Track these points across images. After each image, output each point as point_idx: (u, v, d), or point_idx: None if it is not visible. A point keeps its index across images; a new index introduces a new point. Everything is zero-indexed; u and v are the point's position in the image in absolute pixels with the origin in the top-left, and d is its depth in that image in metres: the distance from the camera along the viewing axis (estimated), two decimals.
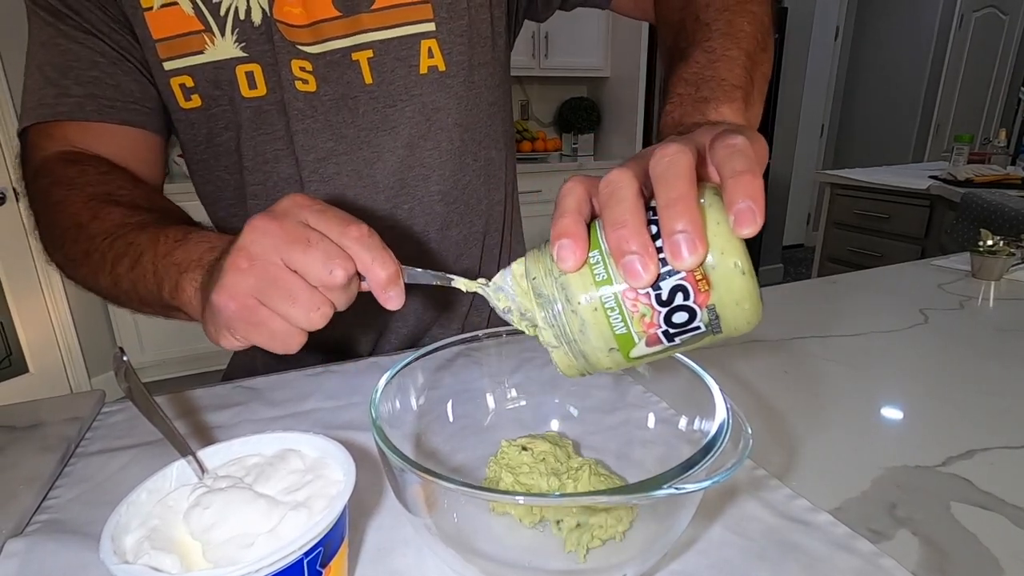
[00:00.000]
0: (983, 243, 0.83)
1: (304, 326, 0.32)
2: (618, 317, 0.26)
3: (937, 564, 0.32)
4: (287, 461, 0.30)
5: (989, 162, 2.34)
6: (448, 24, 0.55)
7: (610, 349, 0.27)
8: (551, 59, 2.99)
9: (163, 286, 0.39)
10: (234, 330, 0.33)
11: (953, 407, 0.50)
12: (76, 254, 0.46)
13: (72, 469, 0.43)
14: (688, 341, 0.27)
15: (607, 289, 0.26)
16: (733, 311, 0.26)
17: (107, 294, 0.46)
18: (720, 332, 0.27)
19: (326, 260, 0.30)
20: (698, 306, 0.26)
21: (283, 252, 0.31)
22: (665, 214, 0.24)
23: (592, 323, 0.27)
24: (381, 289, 0.32)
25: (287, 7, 0.52)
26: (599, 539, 0.31)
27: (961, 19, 3.64)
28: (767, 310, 0.27)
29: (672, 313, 0.26)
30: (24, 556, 0.34)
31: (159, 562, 0.24)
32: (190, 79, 0.53)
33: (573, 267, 0.26)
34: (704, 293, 0.25)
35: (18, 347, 2.09)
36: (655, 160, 0.26)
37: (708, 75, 0.40)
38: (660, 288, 0.25)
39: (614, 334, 0.27)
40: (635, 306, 0.26)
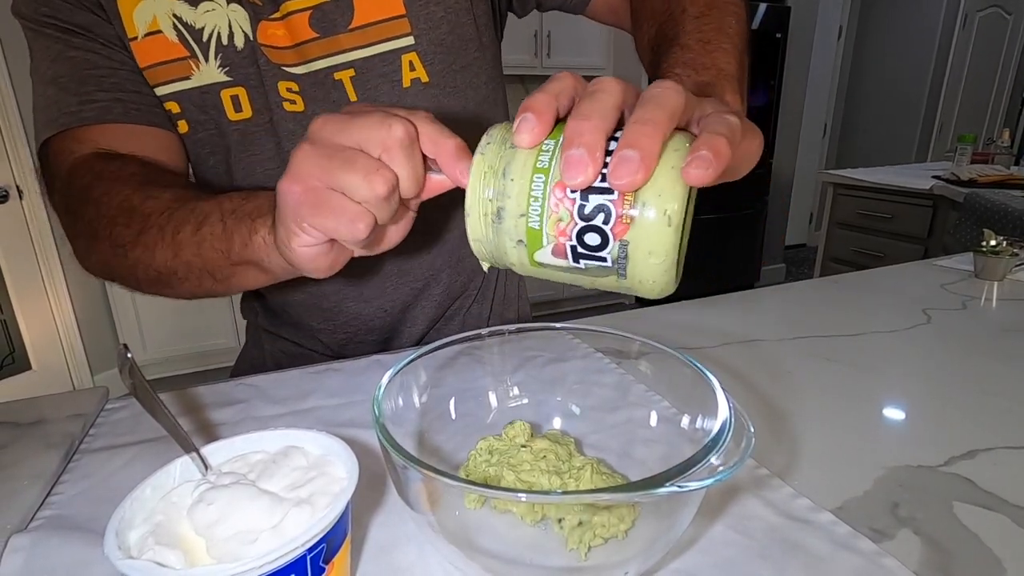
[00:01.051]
0: (986, 243, 0.83)
1: (367, 196, 0.30)
2: (537, 210, 0.26)
3: (939, 564, 0.32)
4: (290, 458, 0.30)
5: (992, 162, 2.33)
6: (427, 35, 0.55)
7: (518, 241, 0.27)
8: (553, 58, 3.00)
9: (233, 239, 0.39)
10: (301, 217, 0.31)
11: (955, 407, 0.50)
12: (126, 238, 0.44)
13: (76, 465, 0.43)
14: (592, 271, 0.26)
15: (540, 178, 0.26)
16: (643, 259, 0.25)
17: (159, 272, 0.44)
18: (624, 278, 0.26)
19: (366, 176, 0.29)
20: (613, 235, 0.25)
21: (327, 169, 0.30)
22: (628, 129, 0.24)
23: (512, 204, 0.26)
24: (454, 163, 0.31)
25: (271, 30, 0.52)
26: (601, 537, 0.31)
27: (965, 19, 3.63)
28: (770, 309, 0.27)
29: (586, 231, 0.25)
30: (29, 551, 0.34)
31: (163, 558, 0.24)
32: (176, 105, 0.54)
33: (526, 143, 0.26)
34: (624, 225, 0.24)
35: (21, 344, 2.09)
36: (649, 87, 0.25)
37: (706, 62, 0.39)
38: (587, 200, 0.25)
39: (527, 226, 0.26)
40: (557, 206, 0.25)
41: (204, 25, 0.51)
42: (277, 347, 0.72)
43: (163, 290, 0.47)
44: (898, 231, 2.26)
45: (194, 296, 0.47)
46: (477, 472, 0.37)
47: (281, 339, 0.71)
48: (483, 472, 0.37)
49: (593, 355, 0.47)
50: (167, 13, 0.51)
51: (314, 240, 0.32)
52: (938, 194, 2.09)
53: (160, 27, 0.51)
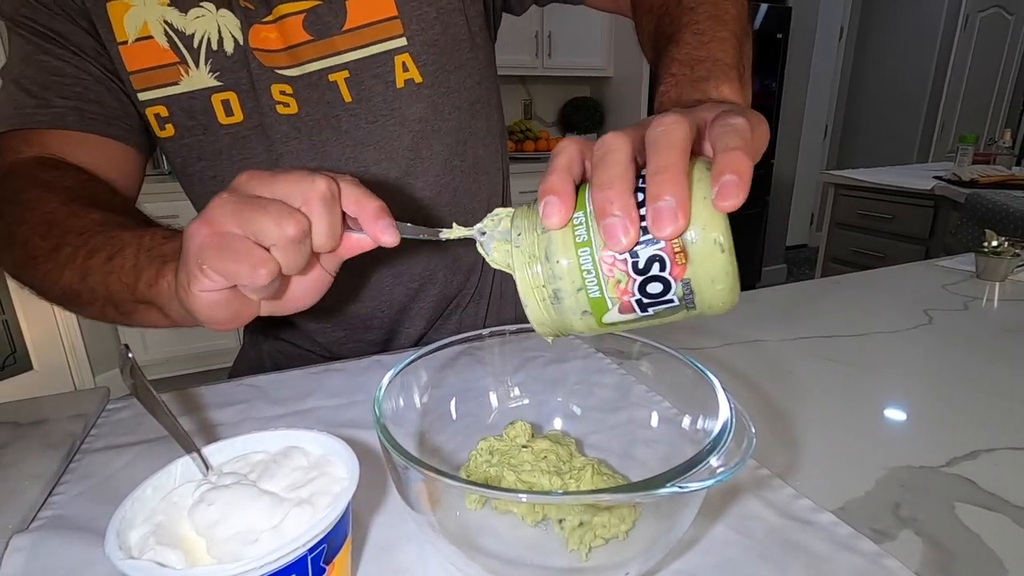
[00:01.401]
0: (988, 244, 0.83)
1: (276, 237, 0.29)
2: (593, 280, 0.26)
3: (941, 564, 0.32)
4: (291, 458, 0.30)
5: (994, 163, 2.33)
6: (420, 36, 0.55)
7: (583, 312, 0.27)
8: (554, 59, 2.99)
9: (141, 277, 0.38)
10: (203, 259, 0.30)
11: (957, 408, 0.50)
12: (40, 250, 0.44)
13: (77, 466, 0.43)
14: (662, 313, 0.27)
15: (586, 251, 0.26)
16: (708, 288, 0.25)
17: (64, 291, 0.43)
18: (694, 308, 0.27)
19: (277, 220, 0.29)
20: (673, 279, 0.25)
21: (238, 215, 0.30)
22: (652, 181, 0.24)
23: (567, 284, 0.26)
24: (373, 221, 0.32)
25: (264, 33, 0.52)
26: (601, 538, 0.31)
27: (966, 19, 3.63)
28: (771, 309, 0.27)
29: (647, 283, 0.26)
30: (30, 551, 0.34)
31: (164, 558, 0.24)
32: (164, 109, 0.54)
33: (557, 224, 0.26)
34: (680, 266, 0.25)
35: (23, 344, 2.10)
36: (652, 128, 0.25)
37: (702, 55, 0.39)
38: (638, 256, 0.25)
39: (588, 297, 0.26)
40: (611, 271, 0.26)
41: (194, 31, 0.52)
42: (275, 348, 0.72)
43: (68, 307, 0.47)
44: (899, 232, 2.26)
45: (98, 320, 0.46)
46: (478, 472, 0.37)
47: (279, 340, 0.72)
48: (484, 472, 0.37)
49: (594, 355, 0.47)
50: (158, 19, 0.51)
51: (214, 285, 0.31)
52: (939, 195, 2.09)
53: (151, 33, 0.51)
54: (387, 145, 0.58)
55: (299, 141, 0.56)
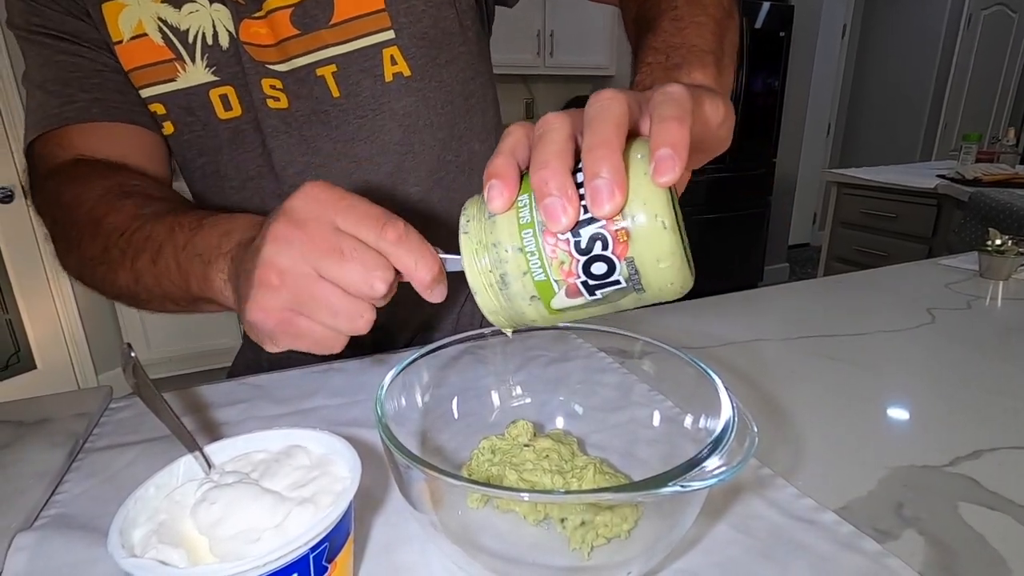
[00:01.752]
0: (991, 242, 0.83)
1: (348, 332, 0.31)
2: (537, 263, 0.26)
3: (944, 564, 0.32)
4: (293, 457, 0.31)
5: (997, 161, 2.32)
6: (408, 29, 0.55)
7: (531, 297, 0.27)
8: (556, 57, 2.99)
9: (190, 280, 0.39)
10: (276, 340, 0.32)
11: (960, 407, 0.50)
12: (94, 252, 0.45)
13: (80, 464, 0.43)
14: (611, 296, 0.26)
15: (528, 232, 0.26)
16: (653, 268, 0.25)
17: (128, 292, 0.44)
18: (643, 291, 0.26)
19: (365, 273, 0.29)
20: (616, 257, 0.25)
21: (315, 263, 0.29)
22: (587, 158, 0.24)
23: (512, 267, 0.26)
24: (426, 289, 0.31)
25: (253, 28, 0.52)
26: (604, 537, 0.31)
27: (970, 18, 3.62)
28: (773, 308, 0.27)
29: (591, 263, 0.25)
30: (33, 549, 0.34)
31: (167, 556, 0.24)
32: (161, 107, 0.54)
33: (500, 208, 0.26)
34: (623, 244, 0.24)
35: (26, 343, 2.10)
36: (588, 105, 0.25)
37: (677, 42, 0.39)
38: (580, 235, 0.25)
39: (534, 281, 0.26)
40: (554, 252, 0.25)
41: (189, 26, 0.52)
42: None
43: (133, 305, 0.47)
44: (902, 230, 2.25)
45: (163, 312, 0.47)
46: (480, 471, 0.37)
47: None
48: (486, 472, 0.37)
49: (596, 355, 0.47)
50: (152, 16, 0.51)
51: (286, 348, 0.33)
52: (942, 193, 2.08)
53: (146, 30, 0.51)
54: (377, 140, 0.57)
55: (289, 136, 0.56)
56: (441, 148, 0.61)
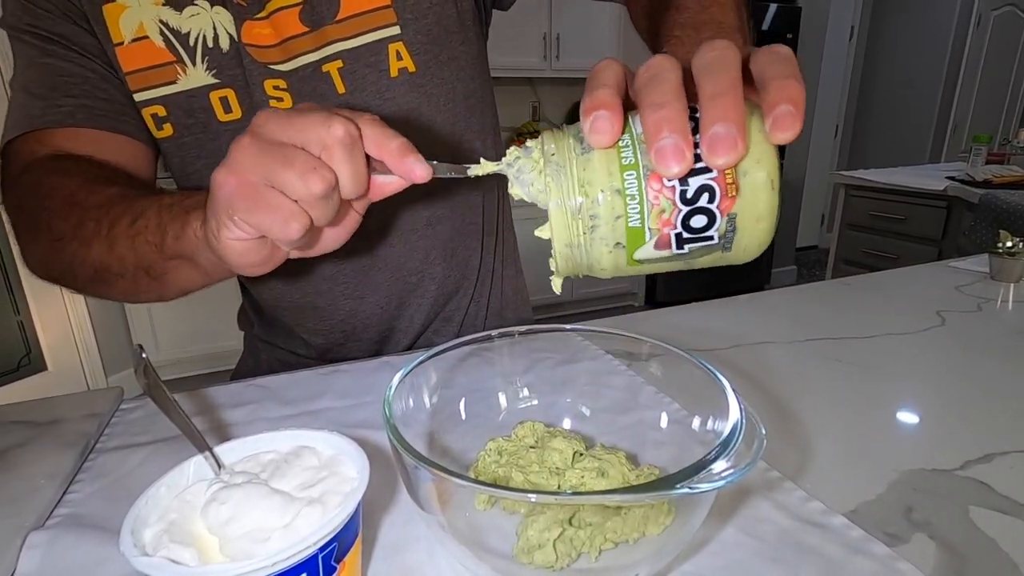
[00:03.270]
0: (1002, 244, 0.82)
1: (303, 194, 0.29)
2: (636, 208, 0.24)
3: (955, 568, 0.32)
4: (302, 458, 0.31)
5: (1008, 163, 2.30)
6: (413, 24, 0.55)
7: (616, 244, 0.25)
8: (562, 60, 2.99)
9: (167, 232, 0.38)
10: (234, 210, 0.30)
11: (971, 410, 0.49)
12: (64, 231, 0.44)
13: (91, 464, 0.44)
14: (695, 252, 0.25)
15: (632, 175, 0.24)
16: (752, 227, 0.24)
17: (94, 268, 0.44)
18: (729, 250, 0.25)
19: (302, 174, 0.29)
20: (720, 212, 0.24)
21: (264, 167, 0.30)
22: (709, 105, 0.23)
23: (606, 209, 0.24)
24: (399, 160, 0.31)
25: (256, 29, 0.52)
26: (611, 541, 0.31)
27: (979, 18, 3.59)
28: (781, 310, 0.27)
29: (692, 215, 0.24)
30: (46, 548, 0.34)
31: (178, 555, 0.24)
32: (162, 108, 0.54)
33: (606, 142, 0.24)
34: (731, 199, 0.24)
35: (37, 345, 2.12)
36: (701, 53, 0.24)
37: (704, 19, 0.39)
38: (688, 184, 0.24)
39: (627, 226, 0.25)
40: (657, 198, 0.24)
41: (190, 29, 0.52)
42: (273, 356, 0.72)
43: (100, 289, 0.47)
44: (911, 233, 2.24)
45: (132, 296, 0.46)
46: (486, 473, 0.37)
47: (277, 348, 0.72)
48: (492, 473, 0.37)
49: (603, 357, 0.47)
50: (153, 19, 0.51)
51: (244, 235, 0.31)
52: (952, 195, 2.07)
53: (147, 33, 0.51)
54: None
55: None
56: (441, 146, 0.61)
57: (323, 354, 0.69)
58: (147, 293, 0.46)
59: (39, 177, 0.49)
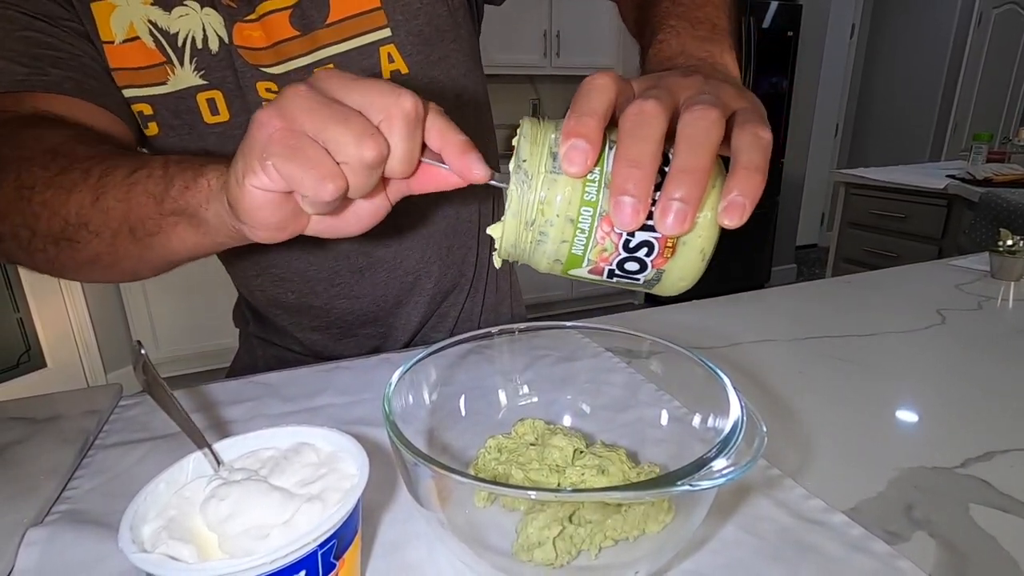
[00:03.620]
0: (1003, 243, 0.82)
1: (353, 157, 0.27)
2: (583, 241, 0.27)
3: (955, 567, 0.32)
4: (301, 455, 0.31)
5: (1009, 161, 2.30)
6: (404, 26, 0.55)
7: (555, 260, 0.28)
8: (563, 58, 2.99)
9: (174, 182, 0.35)
10: (269, 154, 0.28)
11: (971, 408, 0.49)
12: (39, 179, 0.39)
13: (91, 461, 0.44)
14: (620, 283, 0.29)
15: (588, 211, 0.26)
16: (674, 283, 0.28)
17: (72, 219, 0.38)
18: (651, 287, 0.29)
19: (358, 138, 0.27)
20: (652, 265, 0.27)
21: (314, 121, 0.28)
22: (676, 177, 0.25)
23: (556, 232, 0.27)
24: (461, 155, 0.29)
25: (247, 31, 0.52)
26: (612, 539, 0.31)
27: (980, 16, 3.58)
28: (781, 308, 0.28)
29: (628, 260, 0.27)
30: (45, 544, 0.34)
31: (177, 551, 0.24)
32: (149, 107, 0.53)
33: (577, 174, 0.26)
34: (664, 259, 0.27)
35: (36, 342, 2.12)
36: (692, 115, 0.25)
37: (700, 16, 0.40)
38: (633, 235, 0.26)
39: (569, 251, 0.27)
40: (603, 239, 0.27)
41: (179, 30, 0.51)
42: (270, 354, 0.71)
43: (62, 253, 0.40)
44: (912, 231, 2.23)
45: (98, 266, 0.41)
46: (486, 470, 0.37)
47: (273, 346, 0.71)
48: (492, 470, 0.37)
49: (603, 354, 0.47)
50: (143, 18, 0.51)
51: (271, 185, 0.28)
52: (953, 193, 2.06)
53: (138, 33, 0.51)
54: None
55: None
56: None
57: (319, 352, 0.68)
58: (120, 263, 0.41)
59: (15, 129, 0.44)
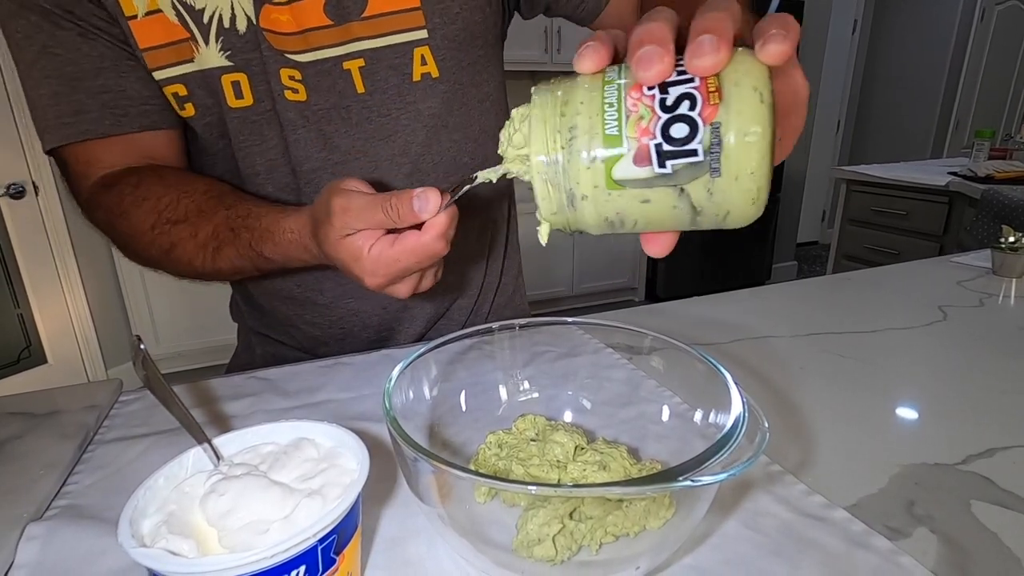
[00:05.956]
0: (1004, 239, 0.82)
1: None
2: (614, 115, 0.24)
3: (957, 563, 0.32)
4: (301, 450, 0.31)
5: (1011, 158, 2.29)
6: (441, 30, 0.54)
7: (593, 159, 0.25)
8: (564, 54, 2.98)
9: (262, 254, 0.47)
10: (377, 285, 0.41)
11: (973, 405, 0.49)
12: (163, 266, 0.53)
13: (90, 456, 0.44)
14: (681, 174, 0.24)
15: (612, 87, 0.25)
16: (739, 141, 0.23)
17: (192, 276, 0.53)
18: (718, 173, 0.24)
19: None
20: (702, 119, 0.23)
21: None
22: (696, 23, 0.24)
23: (584, 121, 0.25)
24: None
25: (274, 14, 0.50)
26: (612, 535, 0.31)
27: (983, 12, 3.57)
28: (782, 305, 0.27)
29: (672, 122, 0.23)
30: (44, 539, 0.34)
31: (176, 546, 0.24)
32: (183, 87, 0.52)
33: (590, 66, 0.26)
34: (713, 106, 0.23)
35: (37, 338, 2.12)
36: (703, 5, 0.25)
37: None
38: (667, 92, 0.24)
39: (603, 134, 0.24)
40: (635, 105, 0.24)
41: (204, 6, 0.50)
42: (269, 351, 0.71)
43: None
44: (913, 228, 2.23)
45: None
46: (486, 466, 0.37)
47: (273, 342, 0.70)
48: (492, 466, 0.37)
49: (604, 350, 0.47)
50: None
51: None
52: (954, 191, 2.06)
53: (159, 6, 0.49)
54: (399, 139, 0.57)
55: (307, 130, 0.54)
56: (457, 150, 0.61)
57: (317, 347, 0.68)
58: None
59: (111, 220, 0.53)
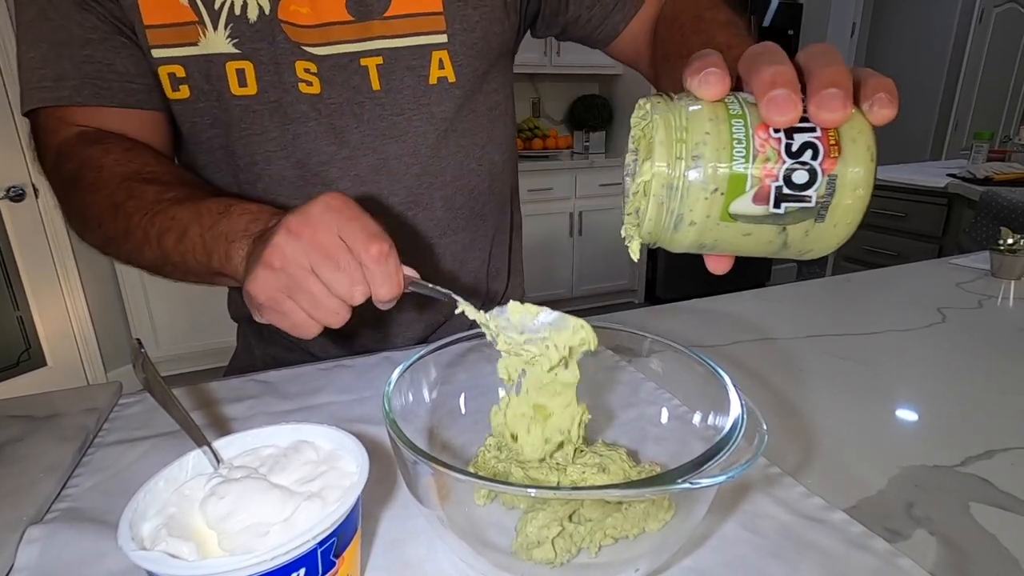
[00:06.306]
0: (1003, 241, 0.82)
1: (323, 324, 0.37)
2: (742, 152, 0.25)
3: (956, 564, 0.32)
4: (301, 452, 0.31)
5: (1009, 160, 2.29)
6: (461, 36, 0.54)
7: (714, 191, 0.25)
8: (563, 56, 2.98)
9: (212, 256, 0.42)
10: (262, 313, 0.38)
11: (972, 407, 0.49)
12: (115, 233, 0.48)
13: (90, 459, 0.44)
14: (789, 217, 0.26)
15: (739, 122, 0.25)
16: (850, 194, 0.25)
17: (151, 267, 0.48)
18: (822, 220, 0.26)
19: (350, 285, 0.36)
20: (822, 170, 0.25)
21: (314, 261, 0.36)
22: (820, 73, 0.25)
23: (711, 151, 0.25)
24: (379, 302, 0.38)
25: (294, 6, 0.50)
26: (611, 537, 0.31)
27: (981, 14, 3.58)
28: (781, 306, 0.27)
29: (795, 169, 0.25)
30: (44, 542, 0.34)
31: (176, 549, 0.24)
32: (181, 69, 0.52)
33: (713, 95, 0.26)
34: (833, 159, 0.25)
35: (36, 340, 2.12)
36: (808, 48, 0.26)
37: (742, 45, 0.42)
38: (792, 138, 0.25)
39: (730, 170, 0.25)
40: (763, 146, 0.25)
41: None
42: (268, 353, 0.70)
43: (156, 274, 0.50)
44: (912, 230, 2.23)
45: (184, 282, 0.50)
46: (486, 468, 0.37)
47: (272, 345, 0.70)
48: (492, 468, 0.37)
49: (603, 352, 0.47)
50: None
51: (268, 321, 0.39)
52: (953, 192, 2.06)
53: None
54: (409, 140, 0.57)
55: (318, 123, 0.54)
56: (465, 155, 0.61)
57: (315, 352, 0.68)
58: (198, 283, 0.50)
59: (75, 169, 0.50)
